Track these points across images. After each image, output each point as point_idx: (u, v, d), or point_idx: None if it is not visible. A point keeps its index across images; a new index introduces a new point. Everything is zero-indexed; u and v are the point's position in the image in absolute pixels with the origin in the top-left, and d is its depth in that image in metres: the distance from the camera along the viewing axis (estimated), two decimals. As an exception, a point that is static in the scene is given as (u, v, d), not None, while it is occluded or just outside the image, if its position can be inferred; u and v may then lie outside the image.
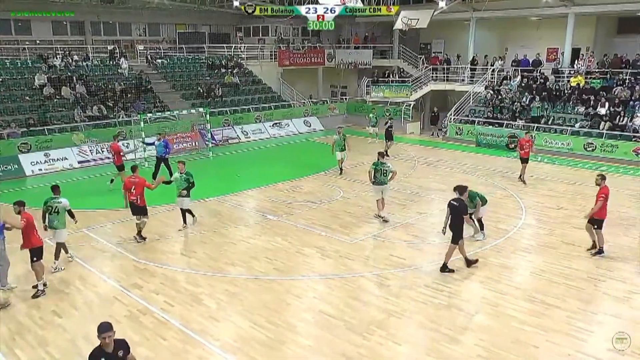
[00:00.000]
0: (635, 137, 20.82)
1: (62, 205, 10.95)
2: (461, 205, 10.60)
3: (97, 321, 8.96)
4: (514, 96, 26.05)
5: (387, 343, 8.32)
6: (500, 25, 30.74)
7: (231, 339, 8.53)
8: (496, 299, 9.73)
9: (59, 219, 10.97)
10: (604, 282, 10.38)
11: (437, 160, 21.75)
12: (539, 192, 16.75)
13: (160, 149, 18.00)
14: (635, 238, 12.68)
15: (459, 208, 10.56)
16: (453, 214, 10.63)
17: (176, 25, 35.11)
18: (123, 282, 10.63)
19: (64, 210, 10.98)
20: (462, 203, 10.67)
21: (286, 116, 29.45)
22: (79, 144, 21.91)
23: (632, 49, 25.45)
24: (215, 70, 30.91)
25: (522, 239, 12.83)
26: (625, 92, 23.05)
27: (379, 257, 12.02)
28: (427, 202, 16.04)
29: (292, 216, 14.61)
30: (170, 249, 12.47)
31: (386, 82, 31.88)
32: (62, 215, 10.99)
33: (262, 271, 11.09)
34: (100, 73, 27.10)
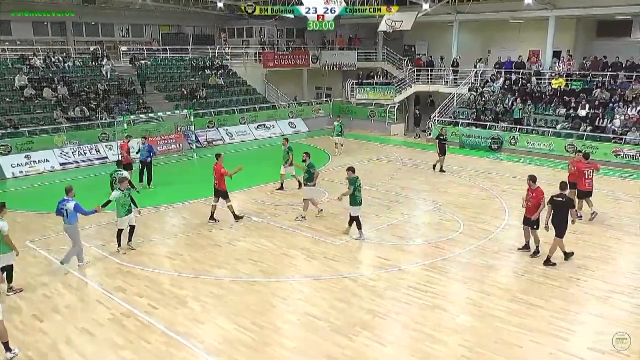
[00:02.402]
0: (614, 138, 21.15)
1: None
2: (567, 200, 11.07)
3: (78, 325, 8.96)
4: (497, 98, 26.32)
5: (372, 344, 8.34)
6: (482, 28, 31.05)
7: (216, 342, 8.48)
8: (480, 299, 9.81)
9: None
10: (585, 282, 10.52)
11: (421, 162, 21.88)
12: (521, 193, 16.88)
13: (143, 153, 17.75)
14: (615, 238, 12.88)
15: (566, 203, 11.01)
16: (559, 209, 11.01)
17: (159, 26, 34.90)
18: (106, 285, 10.51)
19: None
20: (567, 198, 11.15)
21: (271, 118, 29.41)
22: (61, 145, 21.64)
23: (611, 52, 25.88)
24: (199, 71, 30.77)
25: (506, 239, 12.95)
26: (604, 94, 23.42)
27: (364, 258, 12.06)
28: (411, 204, 16.12)
29: (277, 218, 14.58)
30: (154, 251, 12.36)
31: (370, 84, 32.02)
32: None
33: (247, 273, 11.05)
34: (83, 74, 26.82)
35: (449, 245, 12.50)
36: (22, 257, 11.48)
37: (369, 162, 21.76)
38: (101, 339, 8.57)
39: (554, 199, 11.11)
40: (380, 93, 30.95)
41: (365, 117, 30.45)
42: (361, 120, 30.53)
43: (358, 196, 12.67)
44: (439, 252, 12.04)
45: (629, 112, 22.05)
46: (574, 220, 11.34)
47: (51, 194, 11.12)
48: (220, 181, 13.78)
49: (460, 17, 29.25)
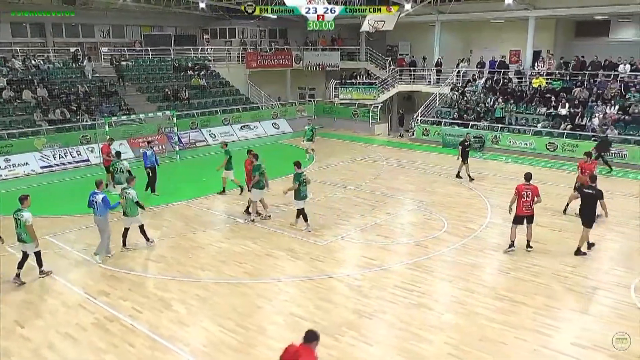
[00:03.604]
0: (594, 136, 21.48)
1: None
2: (597, 193, 11.51)
3: (61, 330, 8.83)
4: (479, 97, 26.55)
5: (358, 344, 8.36)
6: (464, 28, 31.32)
7: (201, 344, 8.43)
8: (465, 297, 9.89)
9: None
10: (568, 278, 10.66)
11: (405, 161, 21.99)
12: (504, 191, 17.06)
13: (152, 159, 16.89)
14: (597, 235, 13.06)
15: (595, 195, 11.48)
16: (588, 201, 11.57)
17: (141, 26, 34.54)
18: (89, 289, 10.39)
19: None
20: (597, 190, 11.55)
21: (254, 118, 29.32)
22: (41, 148, 21.32)
23: (589, 51, 26.29)
24: (181, 72, 30.55)
25: (489, 237, 13.07)
26: (584, 93, 23.78)
27: (349, 258, 12.08)
28: (396, 203, 16.19)
29: (261, 218, 14.53)
30: (138, 254, 12.24)
31: (354, 84, 32.09)
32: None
33: (232, 275, 11.00)
34: (63, 76, 26.46)
35: (433, 244, 12.58)
36: (3, 262, 11.34)
37: (353, 162, 21.81)
38: (85, 344, 8.46)
39: (584, 191, 11.82)
40: (364, 93, 31.05)
41: (349, 117, 30.54)
42: (345, 120, 30.61)
43: (303, 190, 13.13)
44: (423, 251, 12.11)
45: (607, 111, 22.41)
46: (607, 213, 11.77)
47: (32, 197, 10.94)
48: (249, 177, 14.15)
49: (441, 17, 29.46)
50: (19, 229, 10.42)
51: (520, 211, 11.70)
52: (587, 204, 11.63)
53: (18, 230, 10.44)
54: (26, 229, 10.28)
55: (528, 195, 11.60)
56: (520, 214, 11.73)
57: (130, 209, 12.09)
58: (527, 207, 11.68)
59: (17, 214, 10.37)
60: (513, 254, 11.88)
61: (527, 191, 11.62)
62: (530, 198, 11.62)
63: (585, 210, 11.72)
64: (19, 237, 10.50)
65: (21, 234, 10.42)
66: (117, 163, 15.71)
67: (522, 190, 11.65)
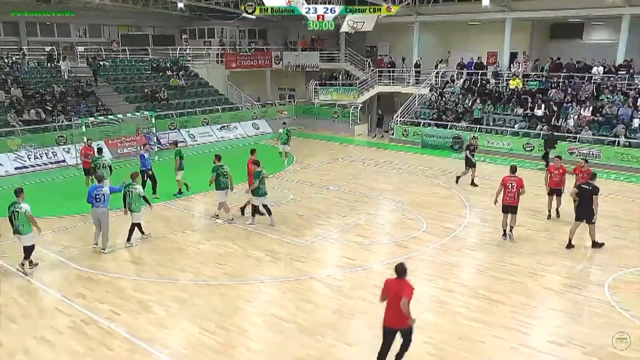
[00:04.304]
0: (569, 137, 21.86)
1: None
2: (593, 188, 11.89)
3: (37, 334, 8.67)
4: (457, 98, 26.83)
5: (339, 344, 8.38)
6: (443, 29, 31.60)
7: (181, 346, 8.37)
8: (444, 296, 9.99)
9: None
10: (543, 277, 10.84)
11: (384, 162, 22.11)
12: (482, 191, 17.30)
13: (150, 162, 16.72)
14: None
15: (591, 190, 11.85)
16: (584, 196, 11.89)
17: (118, 26, 34.11)
18: (65, 291, 10.22)
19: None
20: (593, 186, 11.93)
21: (234, 119, 29.17)
22: (15, 149, 20.91)
23: (564, 53, 26.81)
24: (160, 72, 30.24)
25: (467, 237, 13.22)
26: (559, 95, 24.20)
27: (330, 258, 12.11)
28: (375, 203, 16.27)
29: (242, 219, 14.44)
30: (116, 256, 12.08)
31: (334, 85, 32.15)
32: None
33: (212, 276, 10.93)
34: (38, 75, 26.00)
35: (413, 244, 12.68)
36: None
37: (333, 163, 21.86)
38: (61, 348, 8.33)
39: (581, 187, 12.08)
40: (344, 94, 31.14)
41: (329, 117, 30.60)
42: (325, 120, 30.65)
43: (261, 188, 13.49)
44: (403, 251, 12.20)
45: (582, 112, 22.84)
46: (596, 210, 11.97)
47: (4, 199, 10.74)
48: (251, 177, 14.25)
49: (420, 18, 29.73)
50: (16, 221, 10.58)
51: (505, 201, 12.57)
52: (584, 200, 11.97)
53: (16, 222, 10.59)
54: (28, 219, 10.54)
55: (513, 186, 12.43)
56: (504, 204, 12.60)
57: (135, 205, 12.38)
58: (512, 197, 12.46)
59: (15, 206, 10.58)
60: (490, 253, 12.07)
61: (512, 183, 12.44)
62: (515, 189, 12.42)
63: (583, 207, 12.01)
64: (17, 230, 10.66)
65: (19, 226, 10.59)
66: (98, 159, 15.83)
67: (507, 181, 12.50)
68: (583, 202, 11.99)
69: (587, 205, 11.88)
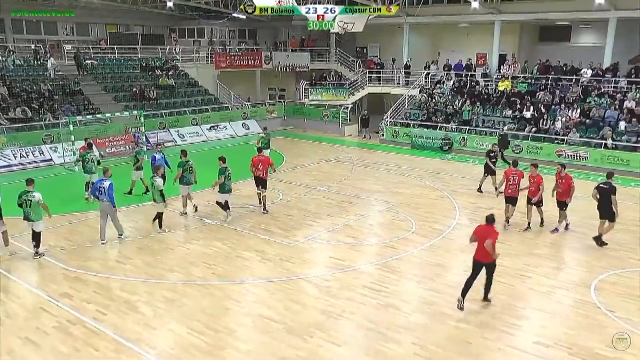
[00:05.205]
0: (557, 139, 22.03)
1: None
2: (611, 188, 12.23)
3: (22, 335, 8.57)
4: (447, 100, 26.94)
5: (327, 344, 8.38)
6: (432, 31, 31.73)
7: (168, 347, 8.31)
8: (432, 297, 10.02)
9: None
10: (530, 278, 10.91)
11: (374, 162, 22.15)
12: (471, 193, 17.38)
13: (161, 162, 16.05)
14: (558, 235, 13.41)
15: (610, 190, 12.18)
16: (603, 195, 12.20)
17: (106, 25, 33.82)
18: (51, 291, 10.12)
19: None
20: (611, 186, 12.26)
21: (224, 119, 29.06)
22: (1, 148, 20.66)
23: (552, 56, 27.07)
24: (149, 72, 30.04)
25: (456, 238, 13.27)
26: (547, 97, 24.39)
27: (319, 259, 12.10)
28: (365, 204, 16.29)
29: (231, 219, 14.42)
30: (104, 256, 11.99)
31: (324, 85, 32.16)
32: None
33: (200, 276, 10.88)
34: (24, 73, 25.71)
35: (402, 244, 12.71)
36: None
37: (323, 163, 21.86)
38: (46, 349, 8.24)
39: (600, 187, 12.43)
40: (334, 94, 31.12)
41: (319, 118, 30.59)
42: (315, 121, 30.63)
43: (227, 184, 13.88)
44: (392, 252, 12.23)
45: (569, 114, 23.04)
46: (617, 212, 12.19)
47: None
48: (266, 171, 14.99)
49: (410, 19, 29.82)
50: (28, 209, 11.28)
51: (506, 192, 13.47)
52: (603, 199, 12.27)
53: (27, 210, 11.29)
54: (39, 206, 11.33)
55: (514, 179, 13.31)
56: (506, 195, 13.51)
57: (156, 197, 13.07)
58: (513, 189, 13.32)
59: (27, 195, 11.29)
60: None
61: (514, 175, 13.33)
62: (517, 182, 13.25)
63: (604, 207, 12.29)
64: (28, 217, 11.34)
65: (30, 213, 11.29)
66: (88, 153, 16.08)
67: (509, 174, 13.44)
68: (602, 202, 12.30)
69: (606, 205, 12.22)
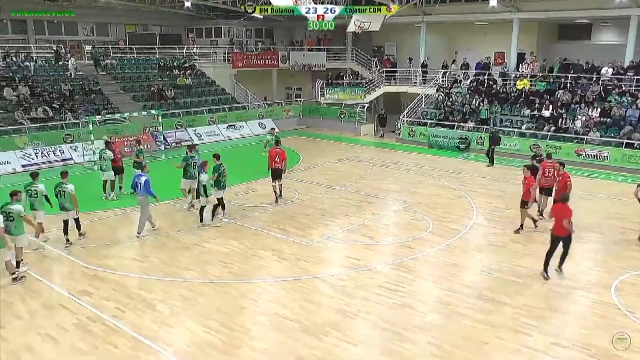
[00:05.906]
0: (576, 138, 21.73)
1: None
2: None
3: (41, 331, 8.72)
4: (464, 99, 26.73)
5: (342, 344, 8.38)
6: (450, 30, 31.49)
7: (185, 345, 8.39)
8: (448, 297, 9.96)
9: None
10: (549, 279, 10.77)
11: (391, 162, 22.07)
12: (489, 193, 17.24)
13: None
14: (576, 236, 13.20)
15: None
16: None
17: (125, 25, 34.23)
18: (71, 289, 10.28)
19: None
20: None
21: (240, 118, 29.21)
22: (23, 146, 21.03)
23: (572, 54, 26.67)
24: (167, 71, 30.32)
25: (474, 238, 13.18)
26: (567, 95, 24.05)
27: (334, 258, 12.10)
28: (382, 204, 16.25)
29: (247, 219, 14.50)
30: (121, 254, 12.13)
31: (340, 85, 32.12)
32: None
33: (216, 275, 10.95)
34: (45, 74, 26.13)
35: (418, 244, 12.65)
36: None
37: (339, 163, 21.84)
38: (65, 345, 8.37)
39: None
40: (350, 94, 31.06)
41: (335, 117, 30.56)
42: (331, 120, 30.62)
43: (222, 181, 13.96)
44: (408, 252, 12.18)
45: (589, 113, 22.70)
46: None
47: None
48: (284, 162, 15.70)
49: (427, 18, 29.61)
50: (62, 199, 12.27)
51: (542, 184, 13.82)
52: None
53: (62, 200, 12.28)
54: (71, 198, 12.24)
55: (550, 171, 13.69)
56: (541, 186, 13.86)
57: (203, 191, 13.59)
58: (548, 180, 13.71)
59: (62, 186, 12.28)
60: (495, 254, 12.03)
61: (550, 168, 13.72)
62: (552, 174, 13.63)
63: None
64: (63, 207, 12.35)
65: (64, 203, 12.29)
66: (102, 151, 16.45)
67: (545, 166, 13.85)
68: None
69: None
